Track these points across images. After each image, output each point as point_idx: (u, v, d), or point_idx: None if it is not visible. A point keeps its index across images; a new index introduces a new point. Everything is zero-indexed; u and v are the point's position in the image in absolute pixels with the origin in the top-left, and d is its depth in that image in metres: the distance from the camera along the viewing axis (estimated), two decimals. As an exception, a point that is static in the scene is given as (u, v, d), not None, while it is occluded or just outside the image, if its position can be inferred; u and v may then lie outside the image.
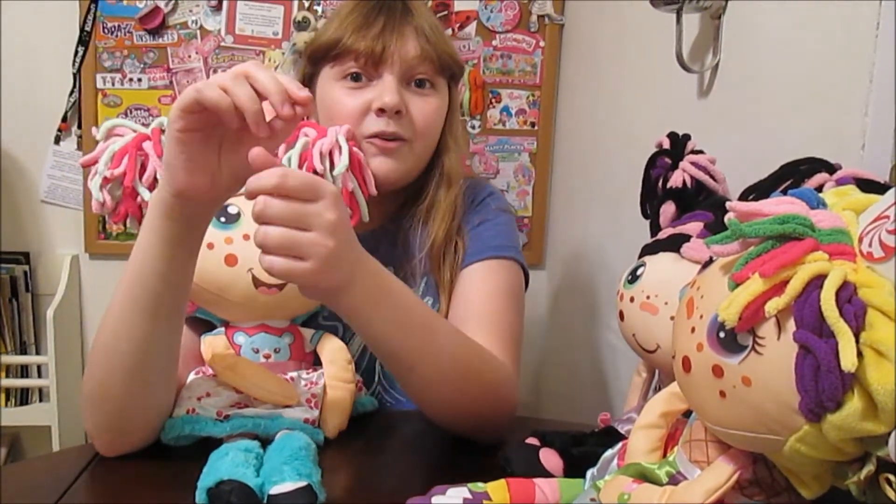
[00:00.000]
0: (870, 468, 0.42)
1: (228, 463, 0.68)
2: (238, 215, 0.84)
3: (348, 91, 0.99)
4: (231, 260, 0.81)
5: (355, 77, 0.99)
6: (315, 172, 0.81)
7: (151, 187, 0.79)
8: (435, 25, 1.03)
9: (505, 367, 0.90)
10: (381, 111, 0.97)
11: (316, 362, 0.91)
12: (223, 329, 0.87)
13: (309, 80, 1.06)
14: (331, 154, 0.86)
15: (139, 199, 0.80)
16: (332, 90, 1.01)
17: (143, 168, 0.80)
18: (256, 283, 0.81)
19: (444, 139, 1.06)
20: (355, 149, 0.89)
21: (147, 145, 0.80)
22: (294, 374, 0.86)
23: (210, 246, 0.81)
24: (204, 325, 0.91)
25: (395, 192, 1.06)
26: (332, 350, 0.89)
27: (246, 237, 0.83)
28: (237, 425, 0.77)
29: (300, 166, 0.81)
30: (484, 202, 1.10)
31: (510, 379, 0.89)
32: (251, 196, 0.63)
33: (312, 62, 1.05)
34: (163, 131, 0.80)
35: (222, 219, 0.83)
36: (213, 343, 0.85)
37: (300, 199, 0.63)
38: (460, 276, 1.03)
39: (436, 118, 1.03)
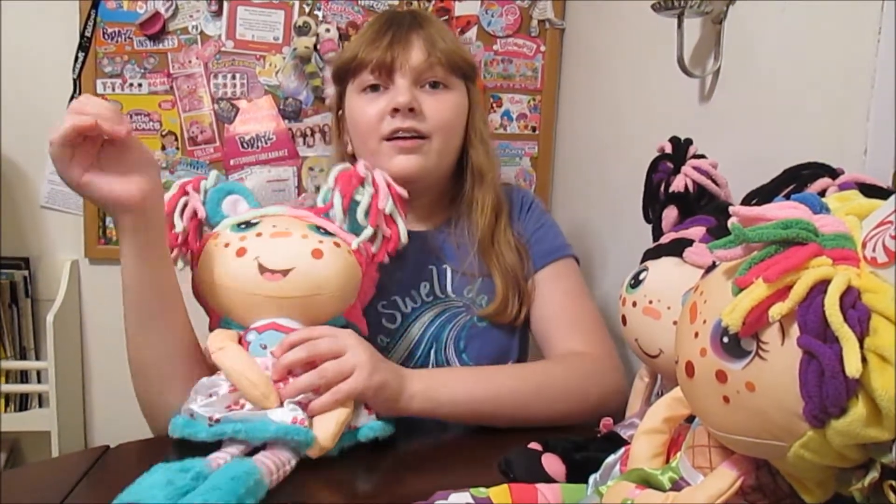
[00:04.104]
0: (874, 475, 0.42)
1: (146, 484, 0.67)
2: (256, 224, 0.90)
3: (368, 101, 1.08)
4: (241, 252, 0.86)
5: (373, 88, 1.07)
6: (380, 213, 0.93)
7: (191, 222, 0.92)
8: (444, 32, 1.11)
9: (602, 366, 1.01)
10: (395, 111, 1.04)
11: None
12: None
13: (339, 99, 1.15)
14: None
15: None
16: (355, 102, 1.09)
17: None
18: (261, 269, 0.84)
19: (467, 136, 1.13)
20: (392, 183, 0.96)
21: (190, 188, 0.94)
22: (299, 373, 0.84)
23: (226, 245, 0.87)
24: None
25: (438, 195, 1.15)
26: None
27: (258, 235, 0.88)
28: (220, 431, 0.76)
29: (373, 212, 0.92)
30: (531, 208, 1.19)
31: (611, 373, 1.01)
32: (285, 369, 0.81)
33: (338, 81, 1.14)
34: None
35: (242, 226, 0.90)
36: (220, 331, 0.86)
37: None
38: (535, 282, 1.12)
39: (451, 114, 1.09)
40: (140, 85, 1.68)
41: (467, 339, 1.09)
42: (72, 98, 1.67)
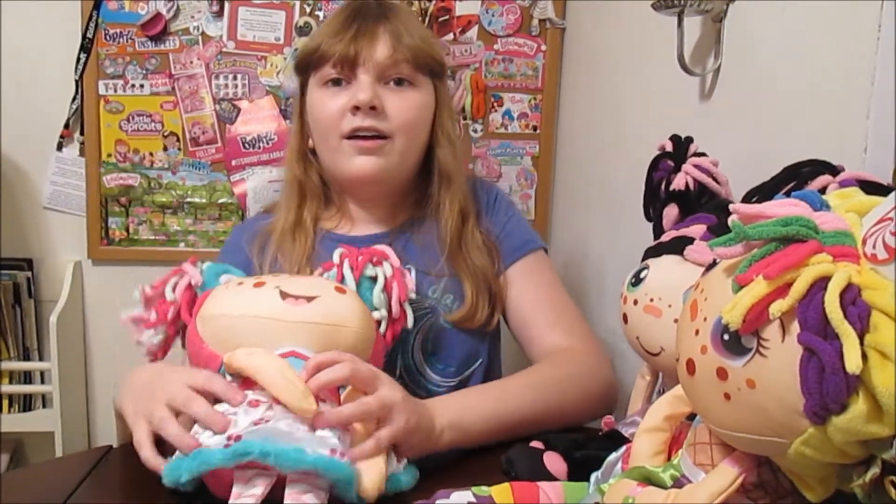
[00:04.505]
0: (875, 471, 0.42)
1: None
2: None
3: (329, 95, 1.03)
4: (259, 284, 0.82)
5: (336, 82, 1.03)
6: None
7: (185, 294, 0.85)
8: (412, 26, 1.06)
9: (595, 361, 1.02)
10: (355, 108, 1.00)
11: None
12: None
13: (301, 90, 1.10)
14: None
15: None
16: (316, 96, 1.05)
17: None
18: (283, 295, 0.79)
19: (434, 136, 1.09)
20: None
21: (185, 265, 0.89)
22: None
23: (240, 283, 0.84)
24: None
25: (401, 195, 1.11)
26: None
27: (275, 276, 0.86)
28: (241, 451, 0.63)
29: (389, 293, 0.89)
30: (497, 202, 1.16)
31: (604, 367, 1.02)
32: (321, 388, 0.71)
33: (300, 72, 1.09)
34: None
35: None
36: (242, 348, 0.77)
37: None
38: (507, 278, 1.10)
39: (415, 113, 1.05)
40: (142, 86, 1.69)
41: (434, 342, 1.05)
42: (74, 99, 1.68)
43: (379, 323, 0.87)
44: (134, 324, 0.86)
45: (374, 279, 0.89)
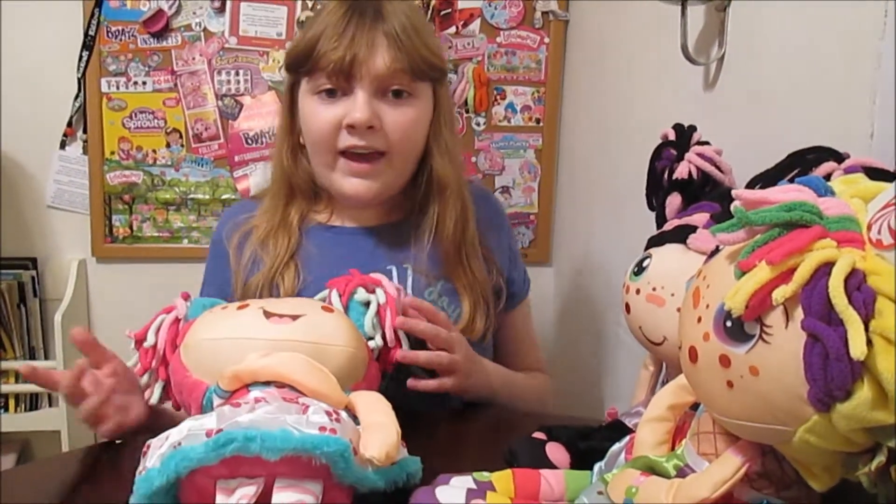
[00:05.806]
0: (880, 459, 0.41)
1: None
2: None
3: (323, 107, 0.98)
4: (243, 306, 0.80)
5: (330, 92, 0.98)
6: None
7: (171, 328, 0.85)
8: (411, 26, 0.98)
9: (547, 387, 1.19)
10: (351, 127, 0.96)
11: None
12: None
13: (290, 90, 1.05)
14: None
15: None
16: (309, 105, 1.00)
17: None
18: (267, 314, 0.77)
19: (427, 145, 1.05)
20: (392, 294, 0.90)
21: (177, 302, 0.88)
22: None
23: (223, 308, 0.82)
24: None
25: (394, 198, 1.07)
26: (370, 400, 0.72)
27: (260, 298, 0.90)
28: (223, 440, 0.56)
29: (382, 320, 0.87)
30: (499, 219, 1.18)
31: (548, 390, 1.20)
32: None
33: (290, 70, 1.03)
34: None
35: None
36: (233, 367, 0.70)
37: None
38: (513, 317, 1.17)
39: (413, 128, 1.01)
40: (144, 83, 1.69)
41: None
42: (76, 97, 1.68)
43: (372, 351, 0.84)
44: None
45: (366, 305, 0.86)
